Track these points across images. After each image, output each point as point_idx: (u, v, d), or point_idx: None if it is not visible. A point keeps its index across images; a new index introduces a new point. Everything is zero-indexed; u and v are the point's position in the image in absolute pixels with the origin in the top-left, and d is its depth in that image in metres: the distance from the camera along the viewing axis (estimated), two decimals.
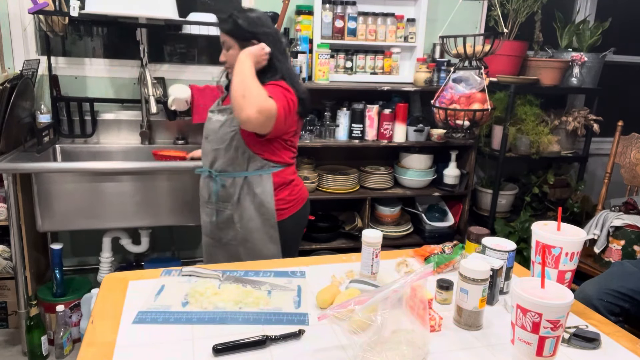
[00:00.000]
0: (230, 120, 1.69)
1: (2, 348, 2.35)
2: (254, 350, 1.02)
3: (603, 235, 2.44)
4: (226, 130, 1.70)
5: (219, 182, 1.74)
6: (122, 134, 2.63)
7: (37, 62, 2.43)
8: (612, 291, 1.79)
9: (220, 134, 1.71)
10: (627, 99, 3.42)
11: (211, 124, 1.76)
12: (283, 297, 1.24)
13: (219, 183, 1.75)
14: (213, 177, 1.76)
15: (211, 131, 1.75)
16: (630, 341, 1.12)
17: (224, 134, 1.70)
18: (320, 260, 1.48)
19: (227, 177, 1.73)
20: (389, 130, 2.65)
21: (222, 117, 1.72)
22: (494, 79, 2.73)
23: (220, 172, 1.74)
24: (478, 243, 1.34)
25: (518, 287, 0.96)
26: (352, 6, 2.64)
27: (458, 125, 1.70)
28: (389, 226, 2.79)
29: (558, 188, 3.05)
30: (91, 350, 1.01)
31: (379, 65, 2.74)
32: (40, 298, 2.33)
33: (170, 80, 2.65)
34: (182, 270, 1.33)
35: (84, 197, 2.18)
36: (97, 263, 2.50)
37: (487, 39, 1.67)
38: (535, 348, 0.94)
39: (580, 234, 1.15)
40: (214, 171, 1.75)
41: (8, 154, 2.19)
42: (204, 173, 1.81)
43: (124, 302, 1.19)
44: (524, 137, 2.80)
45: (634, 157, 2.61)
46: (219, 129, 1.72)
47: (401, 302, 1.01)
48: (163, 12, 2.25)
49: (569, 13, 3.24)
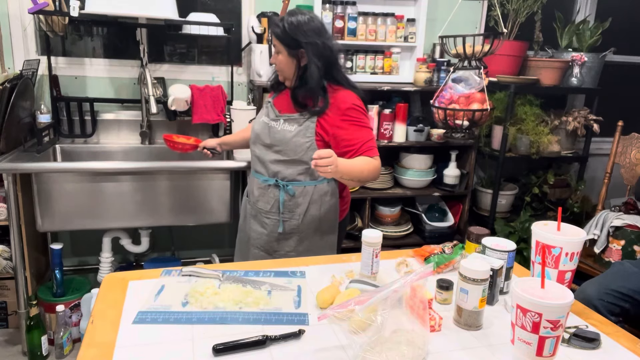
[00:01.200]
0: (304, 130, 1.66)
1: (2, 348, 2.35)
2: (254, 350, 1.02)
3: (603, 235, 2.44)
4: (301, 141, 1.66)
5: (289, 191, 1.69)
6: (122, 134, 2.63)
7: (37, 62, 2.43)
8: (612, 291, 1.79)
9: (293, 145, 1.66)
10: (627, 99, 3.42)
11: (277, 133, 1.69)
12: (283, 297, 1.24)
13: (288, 193, 1.70)
14: (281, 186, 1.70)
15: (278, 141, 1.69)
16: (630, 341, 1.12)
17: (298, 145, 1.66)
18: (320, 260, 1.48)
19: (298, 187, 1.70)
20: (389, 130, 2.65)
21: (292, 127, 1.67)
22: (494, 79, 2.73)
23: (290, 181, 1.70)
24: (478, 243, 1.34)
25: (518, 287, 0.96)
26: (352, 6, 2.64)
27: (457, 125, 1.70)
28: (389, 226, 2.79)
29: (558, 188, 3.04)
30: (91, 350, 1.01)
31: (379, 65, 2.74)
32: (40, 298, 2.33)
33: (170, 80, 2.65)
34: (182, 270, 1.34)
35: (84, 197, 2.18)
36: (97, 263, 2.50)
37: (486, 39, 1.67)
38: (535, 348, 0.94)
39: (580, 234, 1.15)
40: (281, 181, 1.70)
41: (8, 154, 2.19)
42: (268, 183, 1.73)
43: (124, 302, 1.19)
44: (524, 137, 2.80)
45: (634, 157, 2.61)
46: (291, 139, 1.66)
47: (401, 302, 1.01)
48: (163, 12, 2.25)
49: (569, 13, 3.24)
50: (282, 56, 1.65)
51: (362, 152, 1.62)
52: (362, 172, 1.59)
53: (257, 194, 1.77)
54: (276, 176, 1.71)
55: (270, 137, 1.71)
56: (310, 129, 1.66)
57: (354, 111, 1.65)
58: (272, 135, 1.71)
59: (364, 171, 1.59)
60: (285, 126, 1.69)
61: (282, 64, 1.67)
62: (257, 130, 1.77)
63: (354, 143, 1.63)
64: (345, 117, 1.64)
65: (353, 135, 1.64)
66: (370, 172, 1.62)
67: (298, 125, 1.67)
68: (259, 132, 1.76)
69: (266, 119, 1.75)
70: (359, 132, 1.64)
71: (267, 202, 1.74)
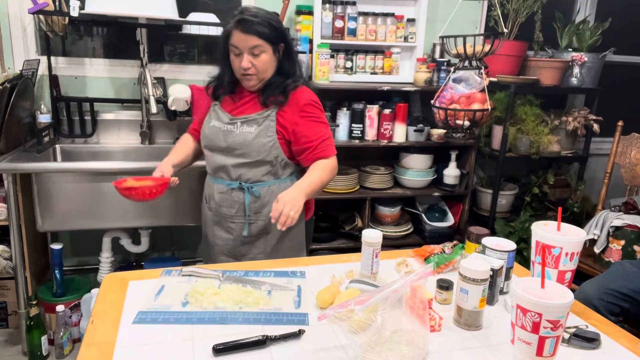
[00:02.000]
0: (265, 130, 1.62)
1: (2, 348, 2.35)
2: (254, 350, 1.02)
3: (603, 235, 2.44)
4: (264, 141, 1.61)
5: (254, 193, 1.65)
6: (122, 134, 2.63)
7: (37, 62, 2.43)
8: (612, 291, 1.79)
9: (256, 146, 1.61)
10: (627, 99, 3.42)
11: (236, 136, 1.63)
12: (283, 297, 1.24)
13: (254, 195, 1.66)
14: (245, 189, 1.65)
15: (239, 144, 1.62)
16: (630, 341, 1.12)
17: (261, 145, 1.61)
18: (320, 260, 1.48)
19: (262, 187, 1.66)
20: (389, 130, 2.65)
21: (251, 129, 1.62)
22: (494, 79, 2.73)
23: (254, 182, 1.66)
24: (478, 243, 1.34)
25: (518, 287, 0.96)
26: (352, 6, 2.64)
27: (458, 125, 1.70)
28: (389, 226, 2.79)
29: (558, 188, 3.04)
30: (91, 350, 1.01)
31: (379, 65, 2.74)
32: (40, 298, 2.33)
33: (170, 80, 2.65)
34: (182, 270, 1.34)
35: (84, 197, 2.18)
36: (97, 263, 2.50)
37: (487, 39, 1.67)
38: (535, 348, 0.94)
39: (580, 234, 1.15)
40: (245, 183, 1.65)
41: (8, 154, 2.19)
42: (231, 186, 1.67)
43: (124, 302, 1.19)
44: (524, 137, 2.80)
45: (634, 157, 2.61)
46: (252, 140, 1.61)
47: (401, 302, 1.01)
48: (163, 12, 2.25)
49: (569, 13, 3.24)
50: (266, 55, 1.57)
51: (320, 150, 1.62)
52: (323, 181, 1.60)
53: (218, 199, 1.70)
54: (239, 179, 1.66)
55: (227, 141, 1.64)
56: (271, 128, 1.62)
57: (311, 107, 1.64)
58: (231, 139, 1.64)
59: (324, 180, 1.61)
60: (244, 128, 1.63)
61: (266, 64, 1.58)
62: (210, 135, 1.68)
63: (313, 139, 1.62)
64: (304, 113, 1.63)
65: (312, 132, 1.62)
66: (329, 176, 1.63)
67: (257, 126, 1.62)
68: (212, 138, 1.68)
69: (218, 124, 1.67)
70: (317, 128, 1.63)
71: (231, 206, 1.68)
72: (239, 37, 1.53)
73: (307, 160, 1.65)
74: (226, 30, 1.56)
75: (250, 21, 1.52)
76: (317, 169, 1.61)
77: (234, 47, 1.55)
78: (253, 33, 1.52)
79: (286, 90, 1.62)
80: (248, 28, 1.52)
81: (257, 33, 1.53)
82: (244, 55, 1.56)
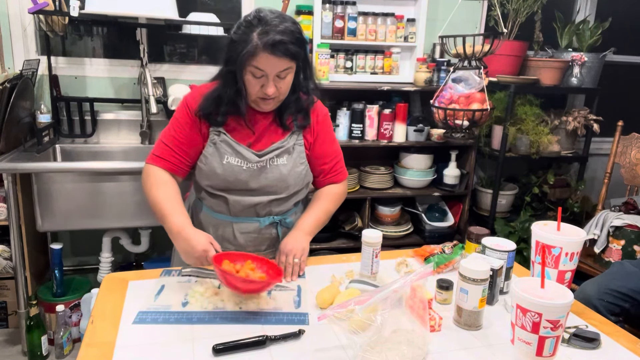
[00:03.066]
0: (297, 157, 1.42)
1: (2, 348, 2.35)
2: (254, 350, 1.02)
3: (603, 235, 2.44)
4: (299, 170, 1.43)
5: (287, 225, 1.49)
6: (122, 134, 2.63)
7: (37, 62, 2.43)
8: (612, 291, 1.79)
9: (293, 178, 1.42)
10: (627, 99, 3.42)
11: (268, 173, 1.39)
12: (283, 297, 1.24)
13: (287, 227, 1.49)
14: (278, 223, 1.47)
15: (273, 181, 1.39)
16: (630, 341, 1.12)
17: (297, 176, 1.43)
18: (320, 260, 1.48)
19: (292, 214, 1.52)
20: (389, 130, 2.65)
21: (284, 160, 1.40)
22: (494, 79, 2.73)
23: (285, 213, 1.48)
24: (478, 243, 1.34)
25: (518, 287, 0.96)
26: (352, 6, 2.64)
27: (457, 125, 1.70)
28: (389, 226, 2.79)
29: (558, 188, 3.05)
30: (91, 350, 1.01)
31: (379, 65, 2.74)
32: (40, 298, 2.33)
33: (170, 80, 2.65)
34: (182, 270, 1.33)
35: (84, 197, 2.18)
36: (97, 263, 2.50)
37: (486, 39, 1.67)
38: (535, 348, 0.94)
39: (580, 234, 1.15)
40: (276, 217, 1.46)
41: (8, 154, 2.19)
42: (261, 226, 1.45)
43: (124, 302, 1.19)
44: (524, 137, 2.80)
45: (634, 157, 2.61)
46: (289, 174, 1.41)
47: (401, 302, 1.01)
48: (163, 12, 2.25)
49: (569, 13, 3.24)
50: (291, 75, 1.31)
51: (334, 174, 1.51)
52: (329, 213, 1.49)
53: (243, 240, 1.46)
54: (269, 214, 1.45)
55: (259, 182, 1.39)
56: (302, 153, 1.43)
57: (328, 121, 1.50)
58: (264, 178, 1.39)
59: (330, 211, 1.49)
60: (275, 161, 1.39)
61: (289, 85, 1.33)
62: (228, 177, 1.38)
63: (327, 161, 1.49)
64: (322, 129, 1.47)
65: (328, 151, 1.49)
66: (337, 204, 1.51)
67: (289, 155, 1.41)
68: (232, 180, 1.38)
69: (239, 161, 1.37)
70: (332, 147, 1.50)
71: (261, 243, 1.48)
72: (267, 60, 1.23)
73: (318, 183, 1.53)
74: (249, 50, 1.22)
75: (283, 42, 1.22)
76: (325, 200, 1.49)
77: (257, 69, 1.25)
78: (287, 56, 1.24)
79: (307, 112, 1.42)
80: (281, 50, 1.23)
81: (290, 55, 1.25)
82: (269, 80, 1.27)
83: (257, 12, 1.27)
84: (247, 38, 1.23)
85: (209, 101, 1.36)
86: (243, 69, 1.27)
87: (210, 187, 1.43)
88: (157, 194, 1.39)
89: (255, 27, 1.23)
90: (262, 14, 1.26)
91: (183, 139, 1.40)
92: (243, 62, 1.25)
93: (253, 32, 1.23)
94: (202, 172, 1.42)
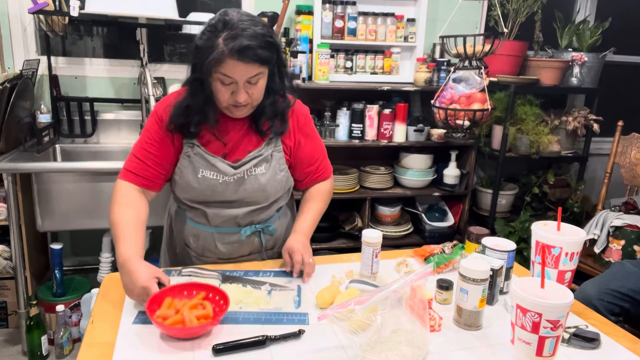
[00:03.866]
0: (276, 165, 1.38)
1: (2, 348, 2.35)
2: (254, 350, 1.02)
3: (603, 235, 2.44)
4: (278, 178, 1.38)
5: (271, 232, 1.46)
6: (122, 134, 2.63)
7: (37, 62, 2.43)
8: (612, 291, 1.79)
9: (273, 187, 1.38)
10: (627, 99, 3.42)
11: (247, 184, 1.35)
12: (283, 297, 1.24)
13: (270, 234, 1.47)
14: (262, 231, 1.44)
15: (251, 192, 1.35)
16: (630, 341, 1.12)
17: (277, 184, 1.39)
18: (320, 260, 1.48)
19: (275, 221, 1.48)
20: (389, 130, 2.65)
21: (262, 169, 1.36)
22: (494, 79, 2.73)
23: (267, 220, 1.45)
24: (478, 243, 1.34)
25: (518, 287, 0.96)
26: (352, 6, 2.64)
27: (458, 125, 1.70)
28: (389, 226, 2.79)
29: (558, 188, 3.05)
30: (91, 350, 1.01)
31: (379, 65, 2.74)
32: (40, 298, 2.33)
33: (170, 80, 2.65)
34: (182, 270, 1.33)
35: (84, 197, 2.18)
36: (97, 263, 2.50)
37: (487, 39, 1.67)
38: (535, 348, 0.94)
39: (580, 234, 1.15)
40: (258, 226, 1.43)
41: (8, 154, 2.19)
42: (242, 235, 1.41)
43: (124, 302, 1.19)
44: (524, 137, 2.80)
45: (634, 157, 2.61)
46: (267, 184, 1.36)
47: (401, 302, 1.01)
48: (163, 12, 2.25)
49: (569, 13, 3.24)
50: (263, 80, 1.25)
51: (320, 173, 1.49)
52: (322, 212, 1.50)
53: (226, 250, 1.42)
54: (252, 223, 1.41)
55: (237, 194, 1.35)
56: (281, 160, 1.38)
57: (310, 122, 1.45)
58: (242, 189, 1.34)
59: (323, 210, 1.50)
60: (253, 171, 1.35)
61: (262, 90, 1.26)
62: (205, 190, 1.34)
63: (312, 162, 1.46)
64: (305, 132, 1.43)
65: (313, 152, 1.46)
66: (327, 202, 1.51)
67: (267, 163, 1.36)
68: (209, 193, 1.34)
69: (215, 175, 1.33)
70: (317, 147, 1.47)
71: (244, 251, 1.45)
72: (235, 66, 1.17)
73: (305, 184, 1.50)
74: (215, 57, 1.15)
75: (250, 47, 1.15)
76: (316, 199, 1.48)
77: (225, 76, 1.19)
78: (256, 61, 1.17)
79: (284, 116, 1.36)
80: (249, 56, 1.16)
81: (259, 60, 1.18)
82: (239, 87, 1.21)
83: (222, 14, 1.20)
84: (212, 44, 1.16)
85: (178, 111, 1.29)
86: (210, 77, 1.20)
87: (188, 200, 1.39)
88: (115, 215, 1.31)
89: (220, 32, 1.16)
90: (228, 17, 1.18)
91: (156, 151, 1.33)
92: (210, 70, 1.18)
93: (218, 37, 1.16)
94: (178, 185, 1.37)
